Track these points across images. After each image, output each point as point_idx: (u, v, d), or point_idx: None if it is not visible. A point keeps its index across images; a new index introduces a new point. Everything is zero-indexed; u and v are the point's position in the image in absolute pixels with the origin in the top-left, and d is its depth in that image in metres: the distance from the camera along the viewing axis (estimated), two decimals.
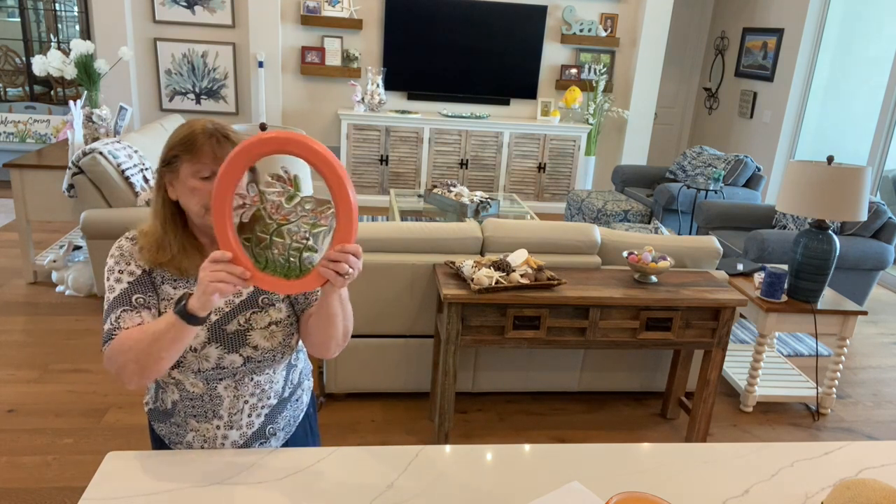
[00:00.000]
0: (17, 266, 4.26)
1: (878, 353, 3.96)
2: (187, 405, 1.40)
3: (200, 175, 1.26)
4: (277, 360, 1.41)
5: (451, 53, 6.18)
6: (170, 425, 1.44)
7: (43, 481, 2.39)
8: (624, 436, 2.94)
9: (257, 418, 1.43)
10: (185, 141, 1.26)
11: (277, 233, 1.16)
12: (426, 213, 4.51)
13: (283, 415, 1.48)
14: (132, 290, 1.30)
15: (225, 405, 1.39)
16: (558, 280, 2.53)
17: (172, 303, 1.30)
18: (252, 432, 1.44)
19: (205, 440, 1.42)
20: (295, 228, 1.15)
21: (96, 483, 1.24)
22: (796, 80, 5.99)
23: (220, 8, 5.91)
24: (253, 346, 1.36)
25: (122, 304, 1.29)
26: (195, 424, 1.41)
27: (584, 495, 1.28)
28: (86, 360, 3.22)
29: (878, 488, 1.18)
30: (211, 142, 1.26)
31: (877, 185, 5.25)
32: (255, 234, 1.17)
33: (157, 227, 1.31)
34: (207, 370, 1.35)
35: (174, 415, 1.42)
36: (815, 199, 2.85)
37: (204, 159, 1.25)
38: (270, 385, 1.43)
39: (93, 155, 3.56)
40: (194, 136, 1.26)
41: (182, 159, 1.26)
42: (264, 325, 1.36)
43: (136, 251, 1.32)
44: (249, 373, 1.38)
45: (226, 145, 1.26)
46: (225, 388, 1.38)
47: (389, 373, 2.98)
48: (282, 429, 1.49)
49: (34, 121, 6.01)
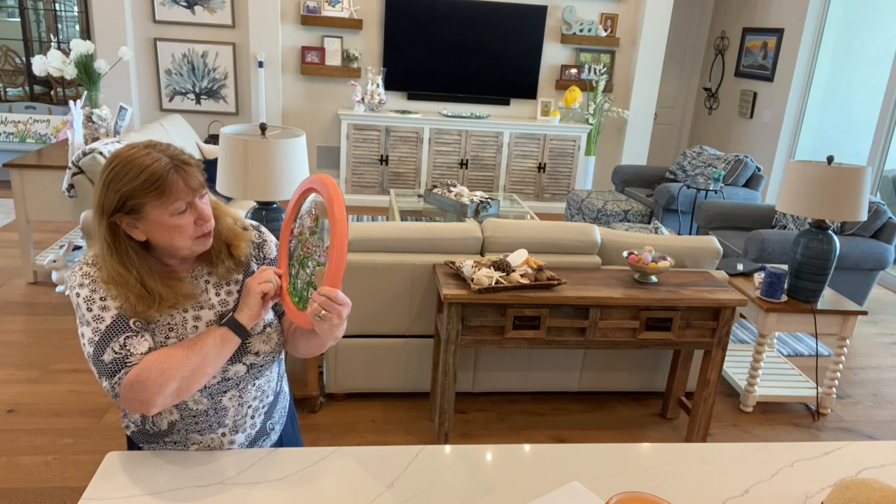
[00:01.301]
0: (17, 266, 4.26)
1: (878, 353, 3.96)
2: (189, 423, 1.36)
3: (178, 211, 1.19)
4: (275, 360, 1.42)
5: (451, 53, 6.18)
6: (165, 444, 1.39)
7: (43, 481, 2.39)
8: (624, 436, 2.94)
9: (259, 418, 1.44)
10: (151, 185, 1.16)
11: (302, 264, 1.28)
12: (426, 213, 4.52)
13: (277, 408, 1.50)
14: (125, 314, 1.22)
15: (230, 414, 1.38)
16: (558, 280, 2.53)
17: (222, 319, 1.32)
18: (255, 432, 1.44)
19: (209, 448, 1.41)
20: (310, 263, 1.26)
21: (96, 483, 1.24)
22: (796, 80, 5.99)
23: (220, 8, 5.91)
24: (254, 352, 1.35)
25: (123, 331, 1.21)
26: (197, 438, 1.38)
27: (584, 495, 1.28)
28: (85, 361, 3.22)
29: (878, 488, 1.18)
30: (175, 176, 1.17)
31: (877, 185, 5.25)
32: (291, 261, 1.32)
33: (129, 279, 1.21)
34: (213, 385, 1.33)
35: (171, 434, 1.37)
36: (815, 199, 2.85)
37: (178, 195, 1.18)
38: (269, 384, 1.44)
39: (93, 155, 3.56)
40: (159, 176, 1.16)
41: (149, 204, 1.17)
42: (259, 329, 1.36)
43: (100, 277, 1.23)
44: (252, 379, 1.38)
45: (189, 172, 1.20)
46: (230, 399, 1.37)
47: (389, 373, 2.99)
48: (277, 422, 1.51)
49: (34, 121, 6.01)
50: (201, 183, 1.23)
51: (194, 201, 1.22)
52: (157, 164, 1.16)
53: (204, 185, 1.25)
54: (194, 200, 1.22)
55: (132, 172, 1.16)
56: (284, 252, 1.35)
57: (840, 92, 5.93)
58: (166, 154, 1.19)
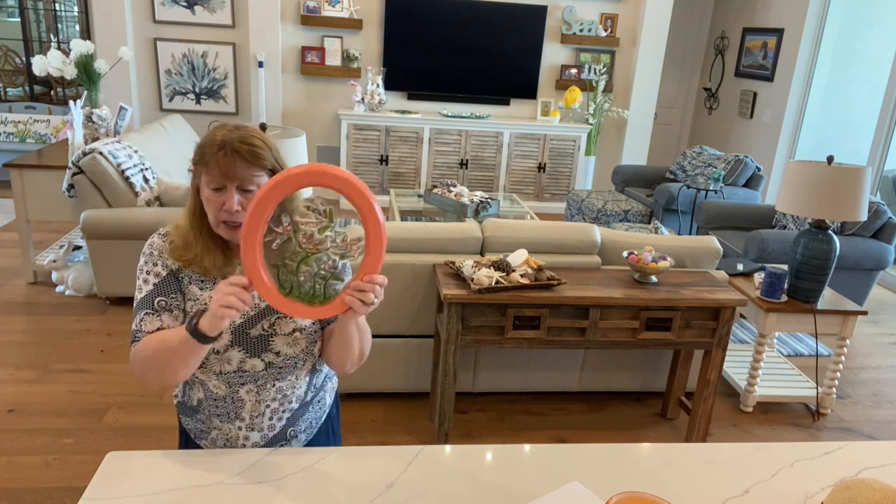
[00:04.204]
0: (17, 266, 4.26)
1: (878, 353, 3.96)
2: (211, 405, 1.40)
3: (211, 186, 1.25)
4: (299, 366, 1.40)
5: (451, 53, 6.18)
6: (196, 421, 1.45)
7: (43, 481, 2.39)
8: (624, 436, 2.94)
9: (279, 421, 1.43)
10: (199, 149, 1.27)
11: (305, 261, 1.19)
12: (426, 213, 4.52)
13: (304, 417, 1.48)
14: (156, 292, 1.31)
15: (247, 408, 1.39)
16: (558, 280, 2.53)
17: (189, 317, 1.24)
18: (273, 435, 1.44)
19: (227, 440, 1.42)
20: (325, 258, 1.19)
21: (96, 483, 1.24)
22: (796, 80, 5.99)
23: (220, 8, 5.91)
24: (275, 351, 1.35)
25: (146, 307, 1.30)
26: (218, 423, 1.41)
27: (584, 495, 1.28)
28: (86, 360, 3.22)
29: (878, 488, 1.18)
30: (218, 156, 1.23)
31: (877, 185, 5.25)
32: (284, 262, 1.19)
33: (186, 222, 1.32)
34: (229, 373, 1.35)
35: (199, 412, 1.43)
36: (815, 199, 2.85)
37: (212, 172, 1.24)
38: (293, 390, 1.42)
39: (93, 155, 3.56)
40: (207, 146, 1.25)
41: (199, 167, 1.28)
42: (288, 331, 1.35)
43: (165, 248, 1.33)
44: (272, 379, 1.38)
45: (234, 159, 1.23)
46: (247, 392, 1.38)
47: (389, 373, 2.98)
48: (303, 431, 1.49)
49: (34, 121, 6.01)
50: (243, 178, 1.24)
51: (230, 188, 1.25)
52: (215, 137, 1.25)
53: (249, 181, 1.25)
54: (230, 187, 1.25)
55: (206, 135, 1.29)
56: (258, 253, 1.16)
57: (840, 92, 5.93)
58: (232, 135, 1.25)
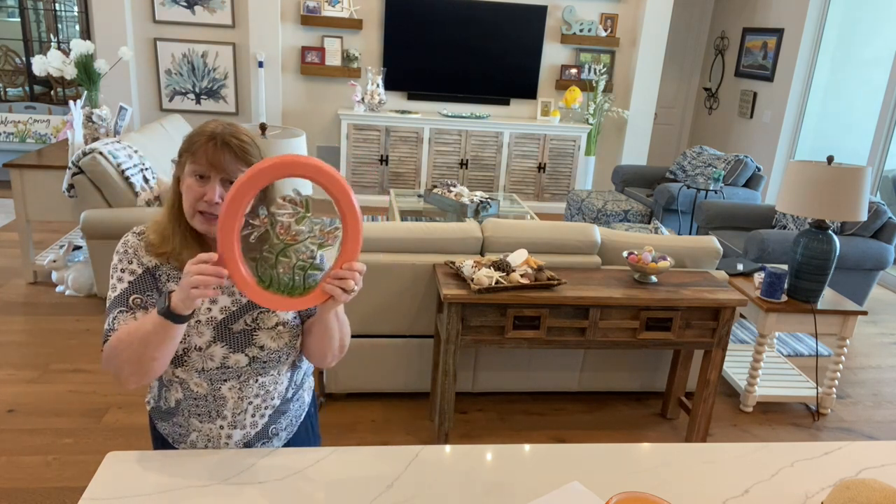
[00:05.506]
0: (17, 266, 4.26)
1: (878, 353, 3.96)
2: (191, 404, 1.39)
3: (196, 174, 1.28)
4: (283, 361, 1.41)
5: (451, 53, 6.18)
6: (172, 424, 1.43)
7: (43, 481, 2.39)
8: (624, 436, 2.94)
9: (261, 419, 1.43)
10: (190, 139, 1.30)
11: (283, 252, 1.18)
12: (426, 213, 4.51)
13: (286, 415, 1.48)
14: (131, 289, 1.31)
15: (229, 406, 1.39)
16: (558, 280, 2.53)
17: (160, 299, 1.25)
18: (255, 432, 1.44)
19: (208, 440, 1.42)
20: (303, 248, 1.19)
21: (96, 483, 1.24)
22: (796, 80, 5.99)
23: (220, 8, 5.91)
24: (259, 346, 1.36)
25: (120, 305, 1.30)
26: (197, 424, 1.40)
27: (585, 495, 1.28)
28: (86, 360, 3.22)
29: (878, 488, 1.18)
30: (208, 146, 1.26)
31: (877, 185, 5.25)
32: (262, 254, 1.19)
33: (165, 216, 1.33)
34: (212, 370, 1.34)
35: (177, 414, 1.41)
36: (815, 199, 2.85)
37: (200, 160, 1.27)
38: (275, 387, 1.43)
39: (93, 155, 3.56)
40: (197, 135, 1.29)
41: (185, 156, 1.29)
42: (271, 325, 1.36)
43: (140, 246, 1.33)
44: (254, 374, 1.38)
45: (223, 152, 1.27)
46: (229, 389, 1.37)
47: (389, 373, 2.98)
48: (284, 429, 1.49)
49: (34, 121, 6.01)
50: (228, 171, 1.27)
51: (213, 179, 1.27)
52: (206, 129, 1.30)
53: (233, 175, 1.27)
54: (214, 178, 1.27)
55: (196, 128, 1.33)
56: (236, 246, 1.16)
57: (840, 92, 5.93)
58: (221, 127, 1.30)
